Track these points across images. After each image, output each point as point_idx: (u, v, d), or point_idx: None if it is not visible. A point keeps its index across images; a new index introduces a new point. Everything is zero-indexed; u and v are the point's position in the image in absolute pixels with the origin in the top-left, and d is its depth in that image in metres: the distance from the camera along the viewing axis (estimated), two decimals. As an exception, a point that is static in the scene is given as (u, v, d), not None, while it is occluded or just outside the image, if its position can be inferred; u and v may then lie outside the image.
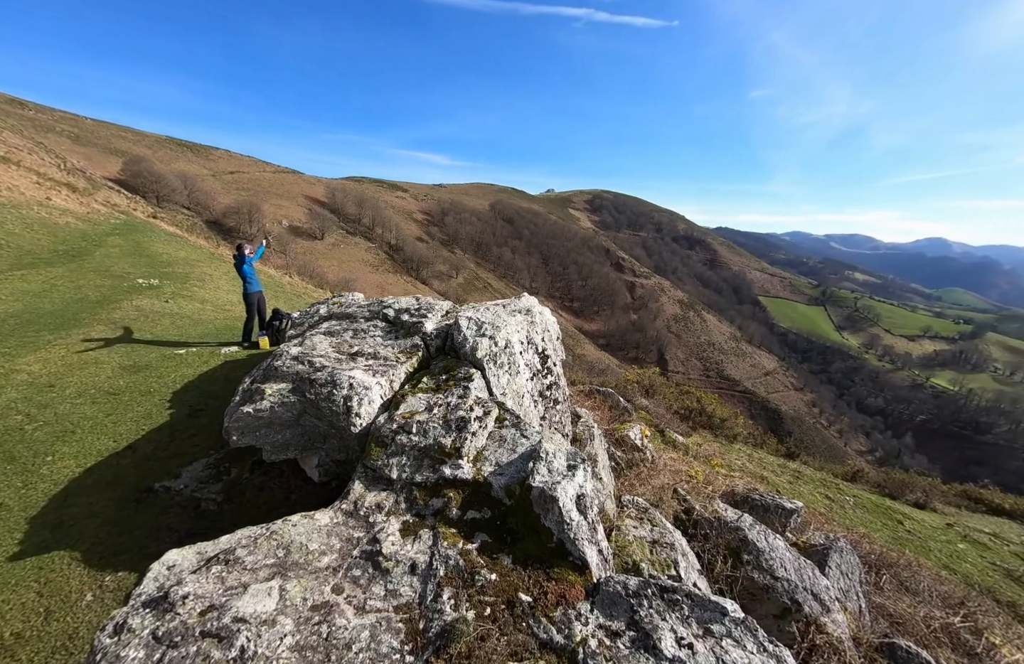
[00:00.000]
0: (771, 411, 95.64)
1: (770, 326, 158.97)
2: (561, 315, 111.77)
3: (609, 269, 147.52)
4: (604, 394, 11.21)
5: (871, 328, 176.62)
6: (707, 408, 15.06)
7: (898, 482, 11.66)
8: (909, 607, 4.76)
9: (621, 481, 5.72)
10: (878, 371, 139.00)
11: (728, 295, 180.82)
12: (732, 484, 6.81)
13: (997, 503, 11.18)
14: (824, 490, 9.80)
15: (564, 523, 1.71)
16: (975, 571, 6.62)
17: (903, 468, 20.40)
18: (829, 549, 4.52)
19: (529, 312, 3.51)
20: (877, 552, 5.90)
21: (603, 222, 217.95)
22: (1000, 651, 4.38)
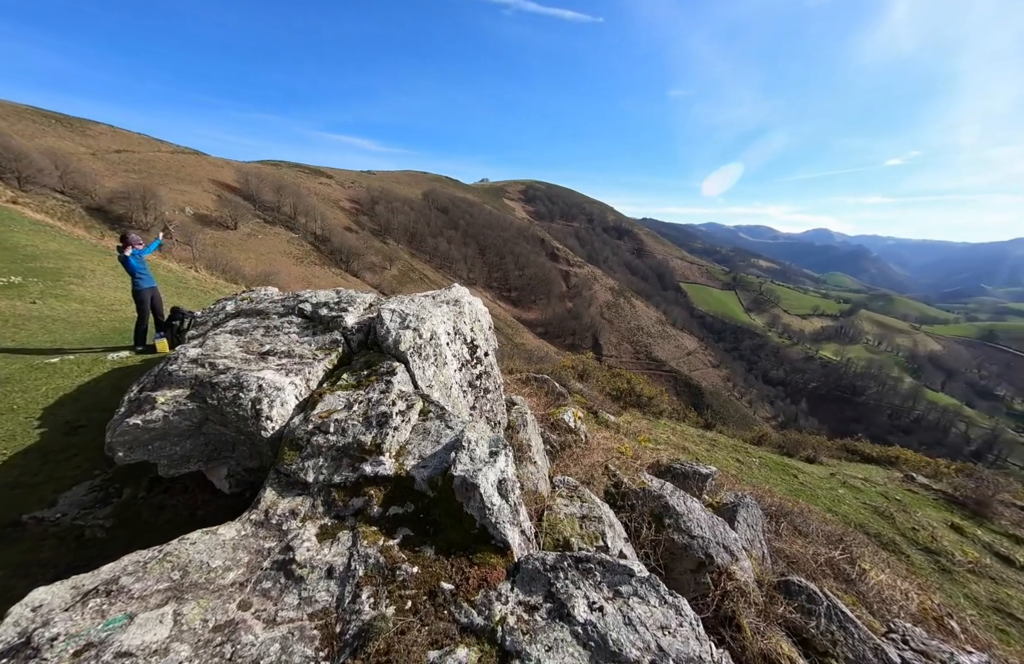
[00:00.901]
0: (693, 387, 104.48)
1: (690, 310, 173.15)
2: (499, 305, 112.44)
3: (545, 259, 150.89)
4: (541, 381, 11.47)
5: (773, 309, 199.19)
6: (636, 388, 16.02)
7: (793, 442, 13.32)
8: (801, 548, 5.47)
9: (556, 463, 5.91)
10: (779, 347, 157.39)
11: (654, 282, 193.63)
12: (658, 456, 7.33)
13: (867, 452, 13.22)
14: (735, 454, 10.89)
15: (486, 508, 1.72)
16: (851, 511, 7.78)
17: (798, 430, 23.42)
18: (738, 506, 5.03)
19: (458, 303, 3.46)
20: (777, 504, 6.70)
21: (537, 212, 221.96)
22: (869, 575, 5.19)
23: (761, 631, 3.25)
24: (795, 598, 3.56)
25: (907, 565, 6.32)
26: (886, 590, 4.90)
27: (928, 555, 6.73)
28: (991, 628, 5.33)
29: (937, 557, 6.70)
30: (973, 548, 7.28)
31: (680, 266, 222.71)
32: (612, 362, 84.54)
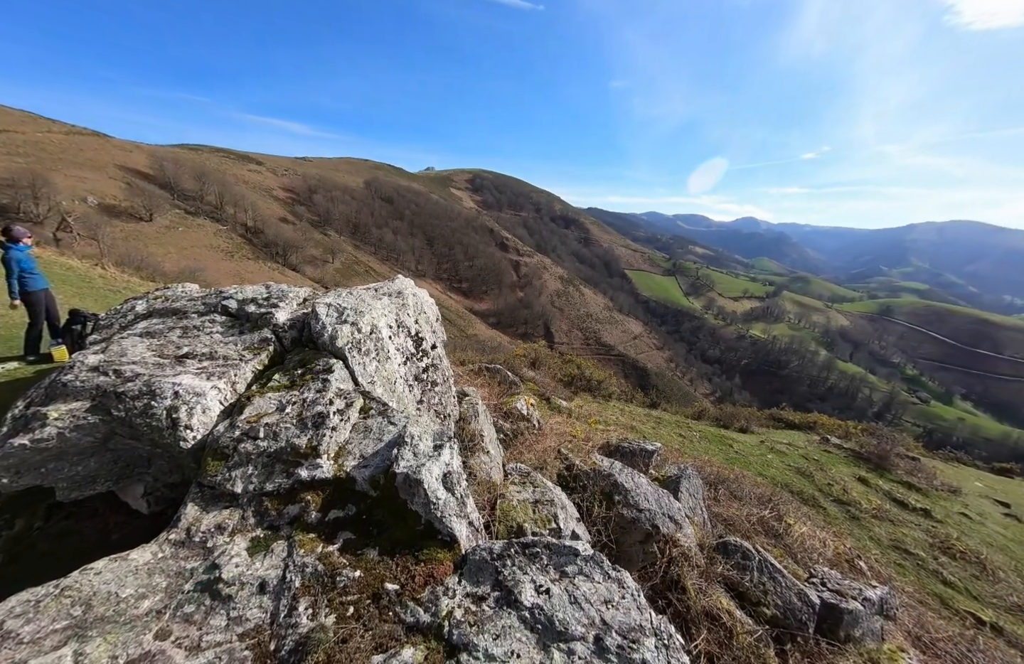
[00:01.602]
0: (639, 369, 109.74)
1: (635, 296, 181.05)
2: (450, 296, 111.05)
3: (495, 249, 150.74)
4: (493, 370, 11.46)
5: (709, 292, 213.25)
6: (586, 373, 16.50)
7: (728, 415, 14.41)
8: (736, 510, 5.92)
9: (510, 451, 5.94)
10: (715, 328, 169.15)
11: (601, 270, 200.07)
12: (608, 437, 7.61)
13: (790, 420, 14.59)
14: (678, 430, 11.57)
15: (430, 503, 1.67)
16: (778, 473, 8.55)
17: (733, 403, 25.42)
18: (681, 477, 5.34)
19: (400, 294, 3.32)
20: (715, 472, 7.21)
21: (485, 202, 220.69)
22: (793, 529, 5.74)
23: (703, 590, 3.47)
24: (732, 557, 3.84)
25: (824, 517, 7.06)
26: (807, 541, 5.44)
27: (841, 506, 7.56)
28: (891, 564, 6.09)
29: (848, 507, 7.55)
30: (876, 496, 8.28)
31: (625, 254, 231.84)
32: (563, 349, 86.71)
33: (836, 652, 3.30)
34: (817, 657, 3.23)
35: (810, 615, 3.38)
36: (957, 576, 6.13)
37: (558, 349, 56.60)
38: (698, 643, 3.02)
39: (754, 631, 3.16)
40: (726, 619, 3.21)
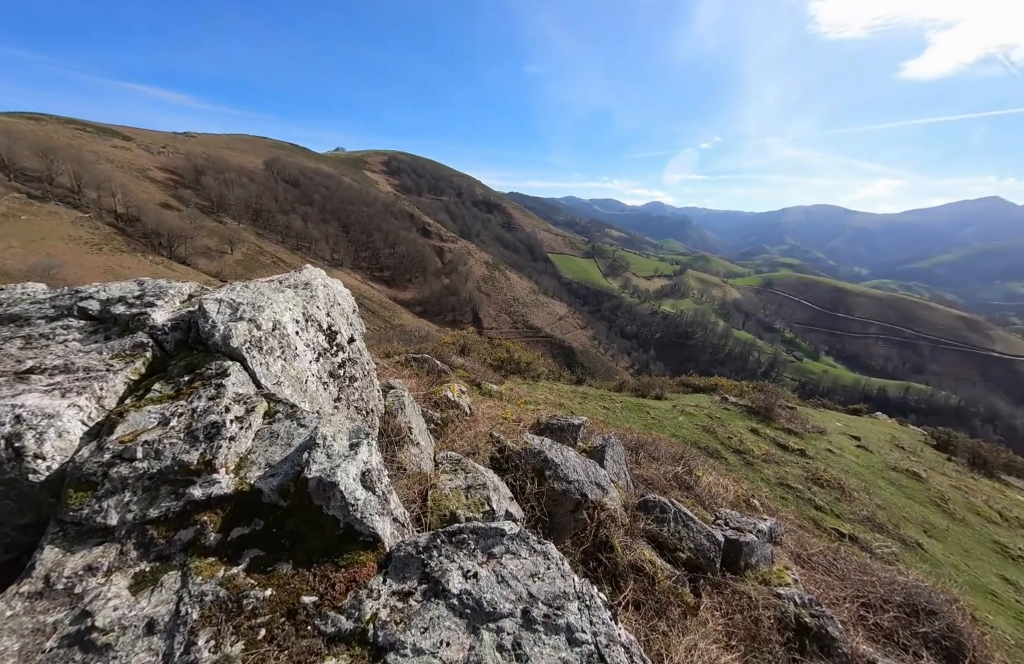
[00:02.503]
0: (566, 349, 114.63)
1: (559, 278, 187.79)
2: (372, 286, 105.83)
3: (416, 235, 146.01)
4: (421, 360, 11.16)
5: (624, 273, 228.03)
6: (515, 356, 16.78)
7: (645, 385, 15.63)
8: (655, 470, 6.46)
9: (441, 440, 5.85)
10: (631, 305, 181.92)
11: (525, 254, 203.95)
12: (538, 416, 7.83)
13: (697, 384, 16.25)
14: (602, 402, 12.28)
15: (349, 505, 1.56)
16: (688, 433, 9.50)
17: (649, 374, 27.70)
18: (605, 446, 5.67)
19: (308, 286, 3.04)
20: (635, 438, 7.78)
21: (403, 186, 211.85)
22: (702, 480, 6.42)
23: (629, 546, 3.75)
24: (652, 512, 4.18)
25: (726, 466, 8.00)
26: (713, 488, 6.13)
27: (738, 455, 8.63)
28: (777, 498, 7.11)
29: (743, 455, 8.64)
30: (764, 443, 9.58)
31: (547, 238, 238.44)
32: (493, 334, 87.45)
33: (738, 580, 3.77)
34: (723, 587, 3.67)
35: (717, 552, 3.82)
36: (825, 501, 7.35)
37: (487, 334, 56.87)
38: (626, 594, 3.26)
39: (673, 574, 3.49)
40: (649, 568, 3.50)
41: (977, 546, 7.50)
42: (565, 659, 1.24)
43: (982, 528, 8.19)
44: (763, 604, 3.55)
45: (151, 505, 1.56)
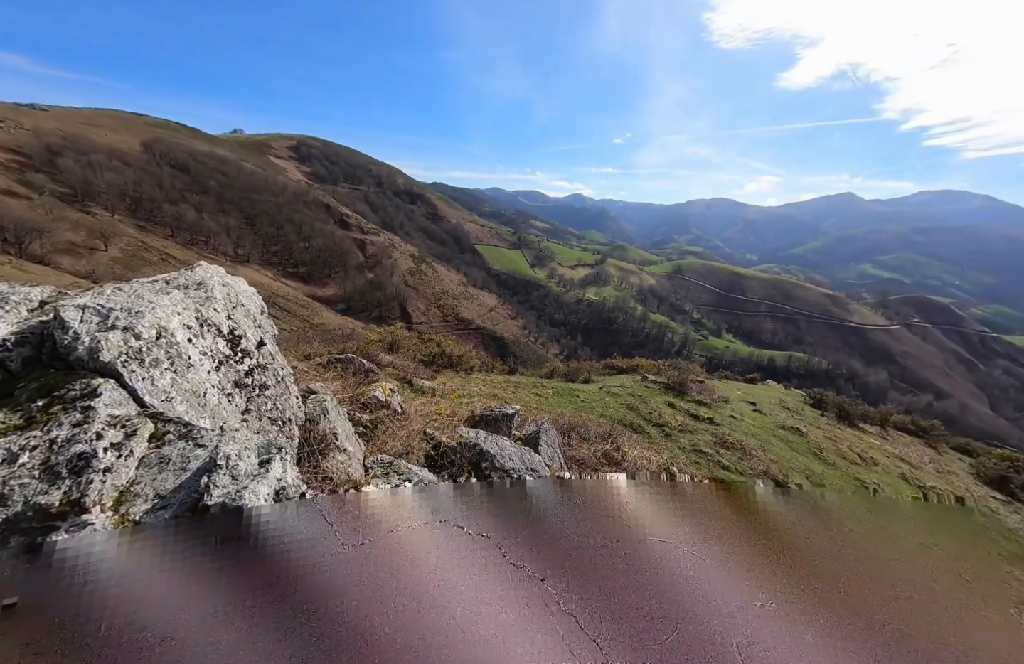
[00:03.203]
0: (497, 340, 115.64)
1: (487, 270, 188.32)
2: (286, 284, 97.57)
3: (334, 227, 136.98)
4: (346, 361, 10.52)
5: (550, 263, 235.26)
6: (447, 350, 16.49)
7: (574, 370, 16.29)
8: (586, 450, 6.76)
9: (372, 443, 5.57)
10: (558, 294, 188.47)
11: (452, 246, 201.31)
12: (472, 409, 7.79)
13: (620, 366, 17.32)
14: (535, 390, 12.56)
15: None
16: (614, 412, 10.08)
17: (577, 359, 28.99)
18: (539, 432, 5.80)
19: (202, 285, 2.66)
20: (567, 421, 8.08)
21: (316, 174, 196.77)
22: (628, 454, 6.86)
23: (564, 526, 3.87)
24: (585, 491, 4.36)
25: (648, 439, 8.63)
26: (638, 461, 6.57)
27: (658, 428, 9.36)
28: (692, 463, 7.84)
29: (663, 428, 9.39)
30: (680, 415, 10.51)
31: (473, 229, 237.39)
32: (423, 328, 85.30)
33: (663, 544, 4.08)
34: (651, 553, 3.94)
35: (644, 521, 4.09)
36: (730, 461, 8.26)
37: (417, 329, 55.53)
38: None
39: (606, 548, 3.68)
40: (584, 545, 3.64)
41: (846, 485, 8.97)
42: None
43: (847, 469, 9.81)
44: (685, 561, 3.87)
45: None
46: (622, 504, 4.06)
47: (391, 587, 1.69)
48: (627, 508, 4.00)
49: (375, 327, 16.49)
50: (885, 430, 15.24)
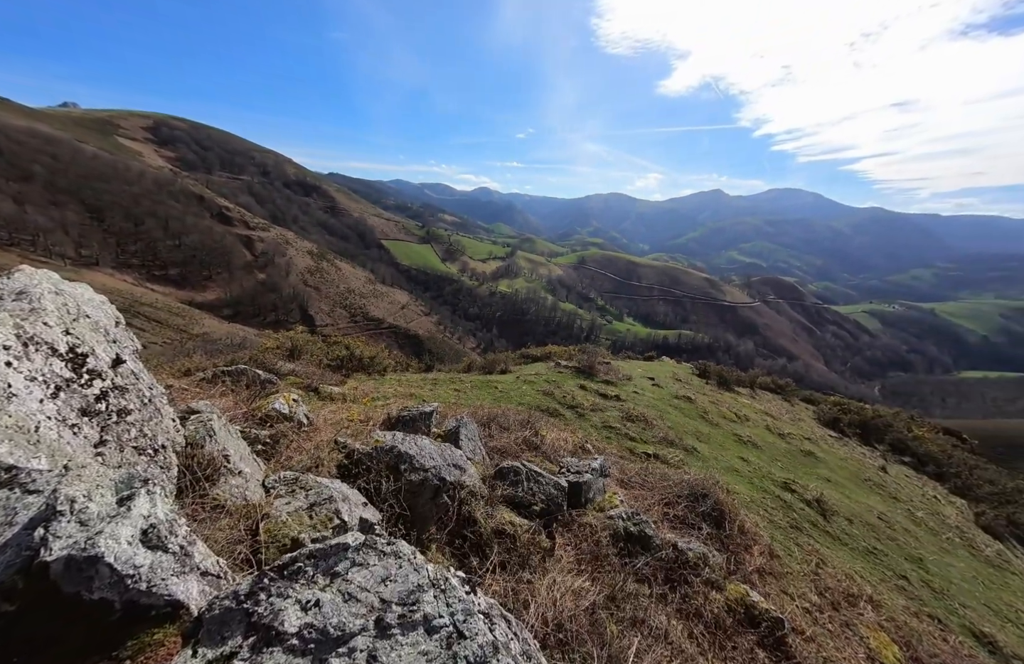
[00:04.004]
0: (412, 338, 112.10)
1: (396, 266, 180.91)
2: (152, 289, 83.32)
3: (212, 222, 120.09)
4: (237, 373, 9.31)
5: (462, 257, 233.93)
6: (356, 352, 15.48)
7: (491, 362, 16.45)
8: (506, 439, 6.87)
9: (273, 461, 5.02)
10: (471, 288, 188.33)
11: (355, 242, 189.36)
12: (388, 411, 7.42)
13: (535, 355, 17.94)
14: (453, 386, 12.42)
15: (126, 577, 1.16)
16: (532, 399, 10.41)
17: (493, 351, 29.34)
18: (459, 427, 5.74)
19: (25, 295, 2.12)
20: (487, 413, 8.13)
21: (183, 160, 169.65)
22: (546, 438, 7.14)
23: (490, 514, 3.92)
24: (507, 478, 4.44)
25: (563, 421, 9.07)
26: (556, 443, 6.87)
27: (572, 410, 9.90)
28: (603, 439, 8.44)
29: (576, 409, 9.96)
30: (590, 396, 11.23)
31: (378, 223, 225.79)
32: (328, 331, 78.88)
33: (581, 514, 4.35)
34: (571, 524, 4.18)
35: (563, 497, 4.31)
36: (635, 432, 9.07)
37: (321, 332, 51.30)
38: (492, 559, 3.40)
39: (530, 527, 3.80)
40: (510, 529, 3.72)
41: (726, 440, 10.41)
42: (425, 650, 1.22)
43: (727, 427, 11.40)
44: (601, 528, 4.18)
45: None
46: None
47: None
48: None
49: (272, 333, 14.82)
50: (754, 391, 18.01)
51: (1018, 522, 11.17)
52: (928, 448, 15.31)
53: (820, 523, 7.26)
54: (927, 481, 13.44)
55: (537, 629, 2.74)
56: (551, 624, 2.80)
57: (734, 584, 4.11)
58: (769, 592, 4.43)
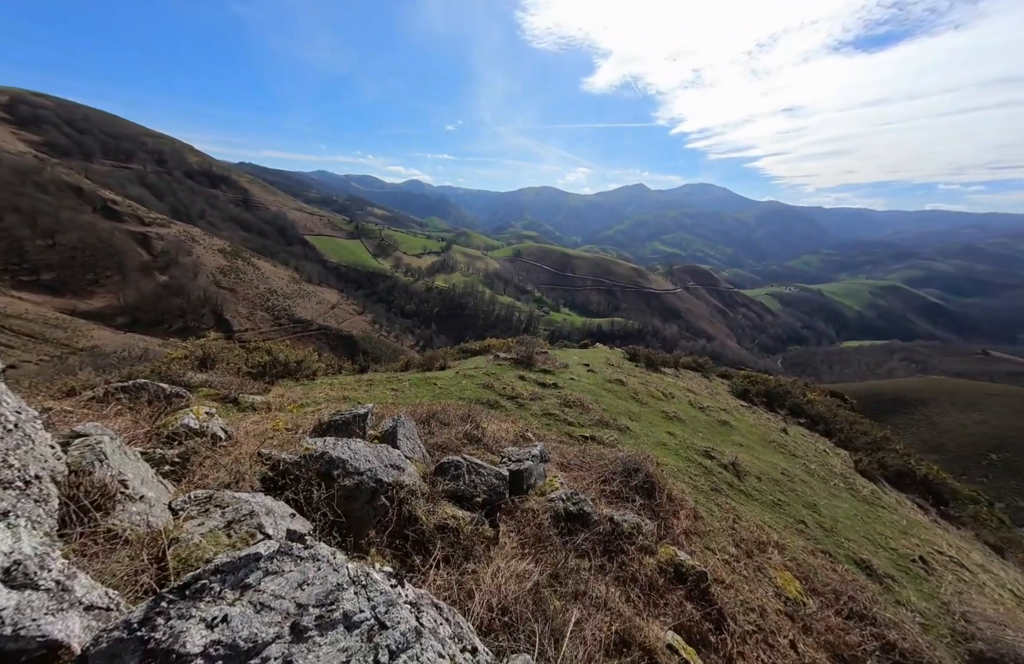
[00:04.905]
0: (345, 338, 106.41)
1: (323, 263, 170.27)
2: (21, 298, 70.81)
3: (95, 217, 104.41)
4: (135, 389, 8.25)
5: (395, 252, 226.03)
6: (280, 357, 14.38)
7: (430, 359, 16.13)
8: (447, 435, 6.79)
9: (186, 481, 4.52)
10: (407, 284, 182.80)
11: (275, 238, 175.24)
12: (319, 417, 6.98)
13: (474, 349, 17.89)
14: (390, 385, 12.00)
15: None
16: (472, 393, 10.39)
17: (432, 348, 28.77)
18: (396, 427, 5.57)
19: None
20: (426, 410, 7.96)
21: (51, 144, 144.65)
22: (487, 430, 7.16)
23: (432, 511, 3.86)
24: (448, 473, 4.40)
25: (504, 412, 9.17)
26: (497, 434, 6.92)
27: (512, 400, 10.04)
28: (543, 426, 8.67)
29: (516, 399, 10.11)
30: (530, 386, 11.46)
31: (301, 218, 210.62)
32: (249, 336, 72.09)
33: (524, 500, 4.43)
34: (514, 511, 4.25)
35: (505, 486, 4.37)
36: (573, 417, 9.43)
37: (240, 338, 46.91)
38: (436, 555, 3.37)
39: (473, 519, 3.81)
40: (452, 523, 3.70)
41: (655, 417, 11.19)
42: (345, 646, 1.22)
43: (656, 405, 12.25)
44: (542, 511, 4.30)
45: None
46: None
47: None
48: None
49: (179, 342, 13.20)
50: (677, 371, 19.52)
51: (886, 465, 13.31)
52: (818, 410, 17.68)
53: (735, 483, 8.09)
54: (818, 437, 15.53)
55: (483, 616, 2.76)
56: (496, 609, 2.84)
57: (664, 547, 4.45)
58: (694, 550, 4.86)
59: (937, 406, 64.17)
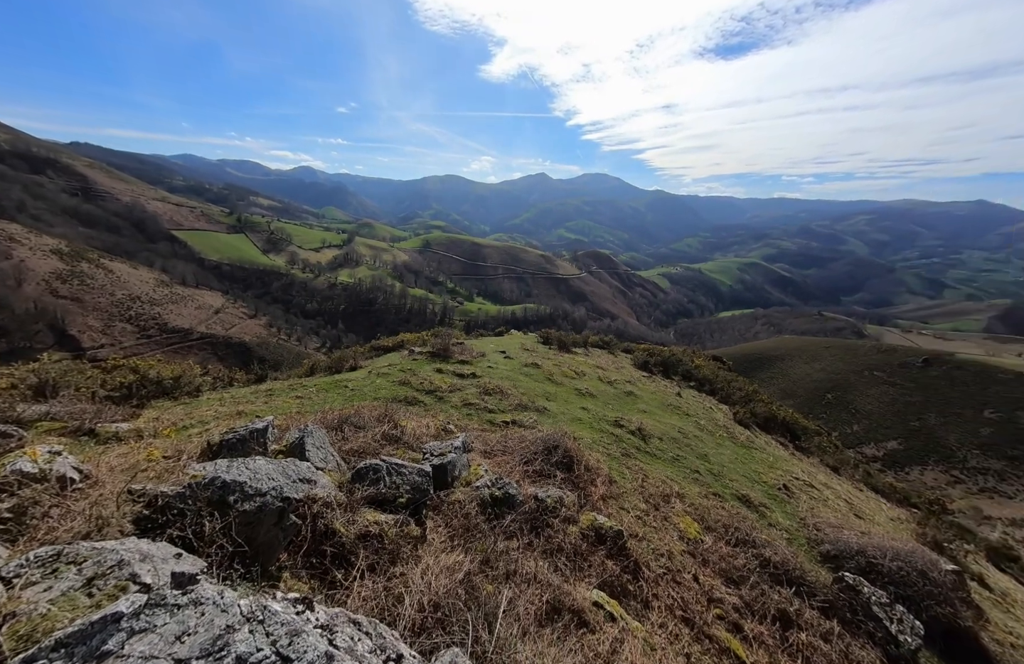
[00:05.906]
0: (236, 346, 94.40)
1: (200, 261, 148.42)
2: None
3: None
4: (-69, 433, 6.42)
5: (288, 247, 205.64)
6: (151, 374, 12.25)
7: (339, 359, 15.03)
8: (363, 438, 6.40)
9: (24, 540, 3.63)
10: (305, 281, 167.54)
11: (132, 234, 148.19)
12: (208, 439, 6.08)
13: (386, 345, 17.09)
14: (294, 393, 10.93)
15: None
16: (387, 391, 9.92)
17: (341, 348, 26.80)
18: (303, 437, 5.08)
19: None
20: (337, 415, 7.40)
21: None
22: (407, 428, 6.91)
23: (352, 520, 3.61)
24: (367, 478, 4.15)
25: (424, 407, 8.93)
26: (417, 431, 6.71)
27: (431, 395, 9.82)
28: (464, 417, 8.62)
29: (435, 393, 9.91)
30: (448, 378, 11.31)
31: (165, 209, 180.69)
32: (106, 353, 59.88)
33: (450, 493, 4.37)
34: (440, 505, 4.18)
35: (429, 482, 4.25)
36: (493, 404, 9.54)
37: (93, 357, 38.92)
38: (359, 565, 3.17)
39: (398, 521, 3.65)
40: (375, 529, 3.50)
41: (569, 396, 11.81)
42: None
43: (570, 384, 12.93)
44: (468, 501, 4.28)
45: None
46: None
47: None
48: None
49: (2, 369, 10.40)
50: (587, 350, 20.82)
51: (757, 414, 15.77)
52: (704, 373, 20.26)
53: (642, 446, 8.92)
54: (706, 397, 17.81)
55: (414, 617, 2.67)
56: (428, 607, 2.77)
57: (585, 514, 4.74)
58: (611, 512, 5.26)
59: (790, 361, 78.18)
